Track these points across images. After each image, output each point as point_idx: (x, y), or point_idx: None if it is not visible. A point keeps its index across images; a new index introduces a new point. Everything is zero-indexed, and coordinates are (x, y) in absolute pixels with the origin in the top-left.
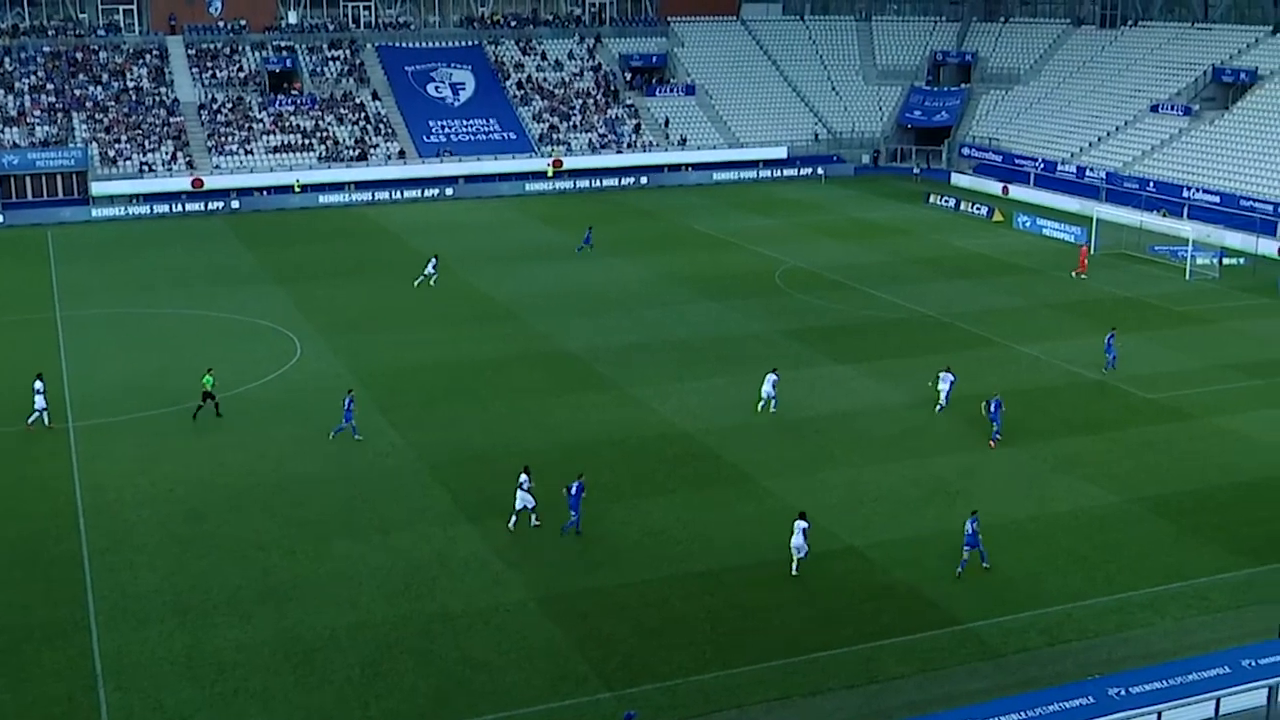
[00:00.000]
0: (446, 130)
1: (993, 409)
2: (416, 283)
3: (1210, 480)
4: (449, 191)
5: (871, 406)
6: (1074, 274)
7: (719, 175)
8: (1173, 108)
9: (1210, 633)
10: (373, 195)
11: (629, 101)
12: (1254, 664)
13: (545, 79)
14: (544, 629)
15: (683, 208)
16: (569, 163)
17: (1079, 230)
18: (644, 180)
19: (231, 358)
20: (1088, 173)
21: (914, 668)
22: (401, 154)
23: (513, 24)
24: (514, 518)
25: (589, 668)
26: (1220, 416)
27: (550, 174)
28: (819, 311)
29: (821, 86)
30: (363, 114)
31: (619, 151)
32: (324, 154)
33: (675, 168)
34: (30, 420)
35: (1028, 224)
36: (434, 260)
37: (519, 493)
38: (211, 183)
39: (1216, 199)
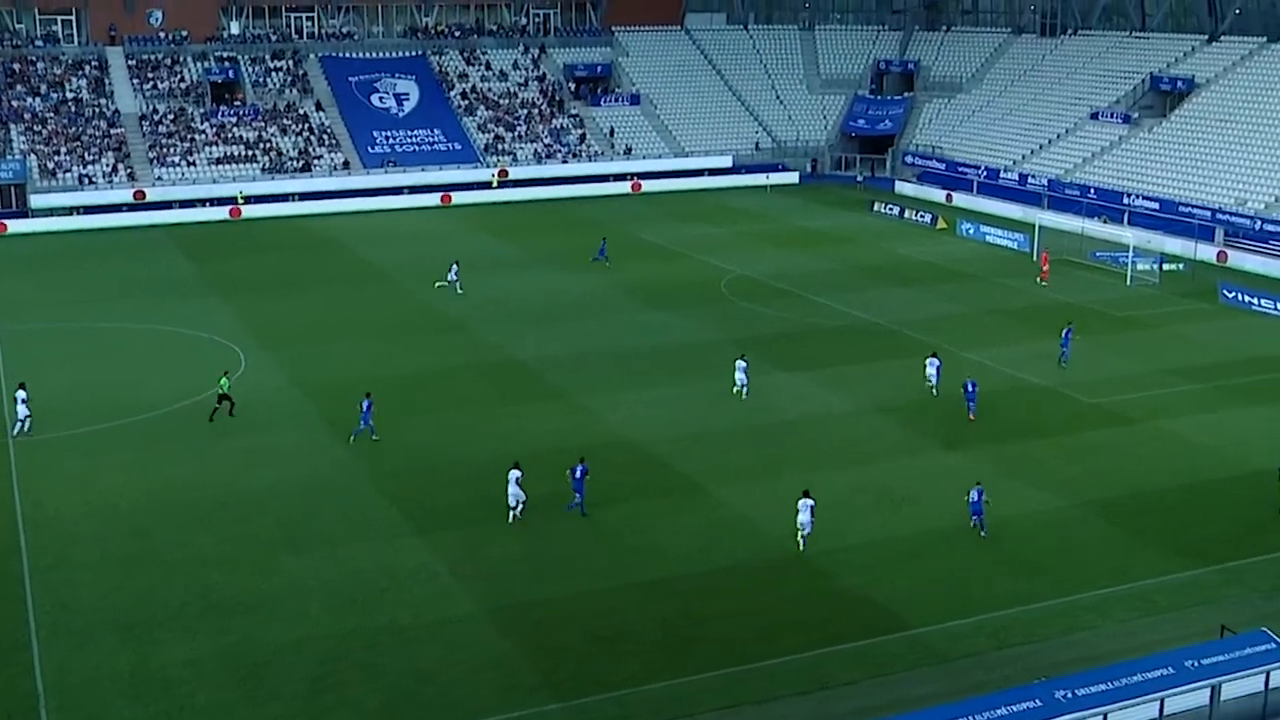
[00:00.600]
0: (391, 141)
1: (969, 389)
2: (437, 284)
3: (1154, 483)
4: (394, 202)
5: (818, 414)
6: (1039, 279)
7: (665, 184)
8: (1112, 115)
9: (1154, 634)
10: (317, 206)
11: (574, 111)
12: (1197, 664)
13: (490, 89)
14: (493, 640)
15: (629, 217)
16: (514, 173)
17: (1022, 237)
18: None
19: (175, 371)
20: (1030, 180)
21: (863, 674)
22: (346, 165)
23: (457, 34)
24: (510, 513)
25: (538, 678)
26: (1162, 420)
27: (495, 184)
28: (765, 320)
29: (766, 95)
30: (306, 125)
31: (564, 161)
32: (267, 165)
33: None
34: (26, 430)
35: (971, 231)
36: (455, 265)
37: (510, 488)
38: (153, 194)
39: (1156, 205)
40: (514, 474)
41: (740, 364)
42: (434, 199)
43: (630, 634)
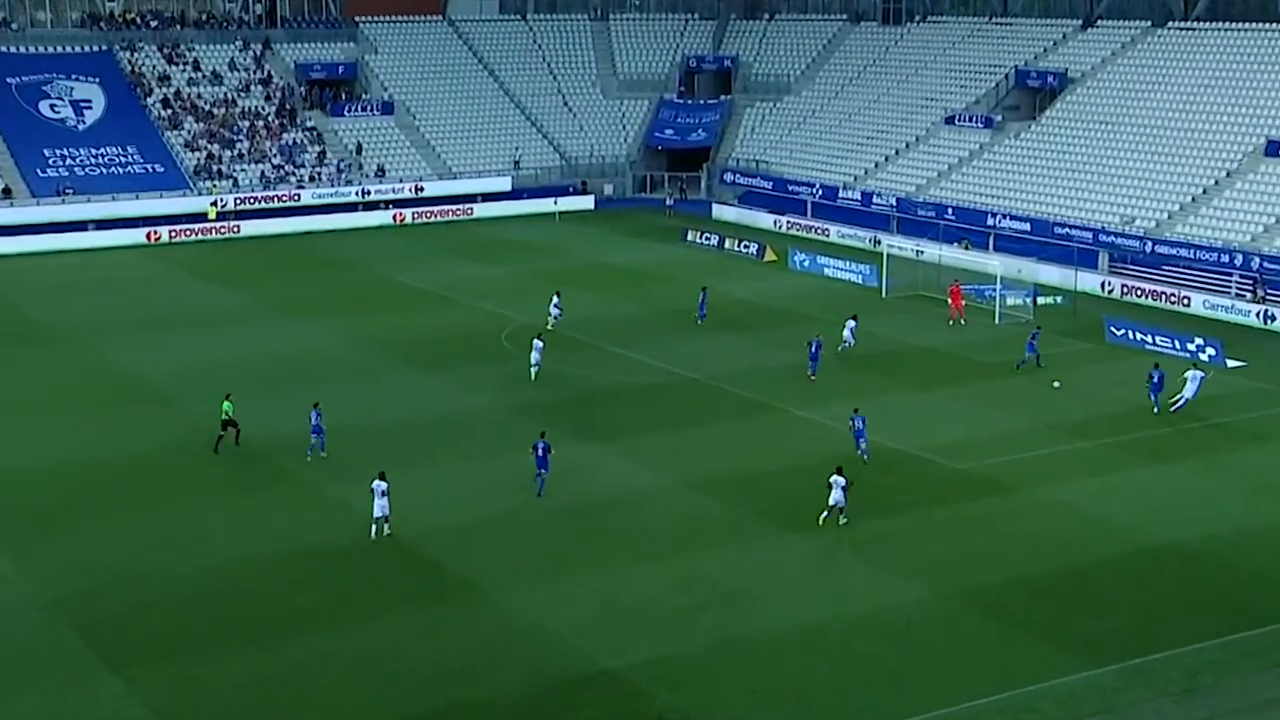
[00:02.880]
0: (69, 161)
1: (813, 349)
2: (550, 326)
3: (1038, 565)
4: (78, 240)
5: (627, 494)
6: (950, 321)
7: (428, 213)
8: (971, 119)
9: None
10: None
11: (310, 123)
12: None
13: (200, 95)
14: None
15: (381, 255)
16: (235, 201)
17: (868, 269)
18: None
19: None
20: (875, 199)
21: None
22: (7, 192)
23: (154, 24)
24: (374, 527)
25: None
26: (1044, 487)
27: (212, 216)
28: (557, 379)
29: (551, 101)
30: None
31: (300, 186)
32: None
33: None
34: None
35: (806, 263)
36: (556, 298)
37: (376, 500)
38: None
39: (1027, 227)
40: (379, 485)
41: (538, 344)
42: (134, 236)
43: None
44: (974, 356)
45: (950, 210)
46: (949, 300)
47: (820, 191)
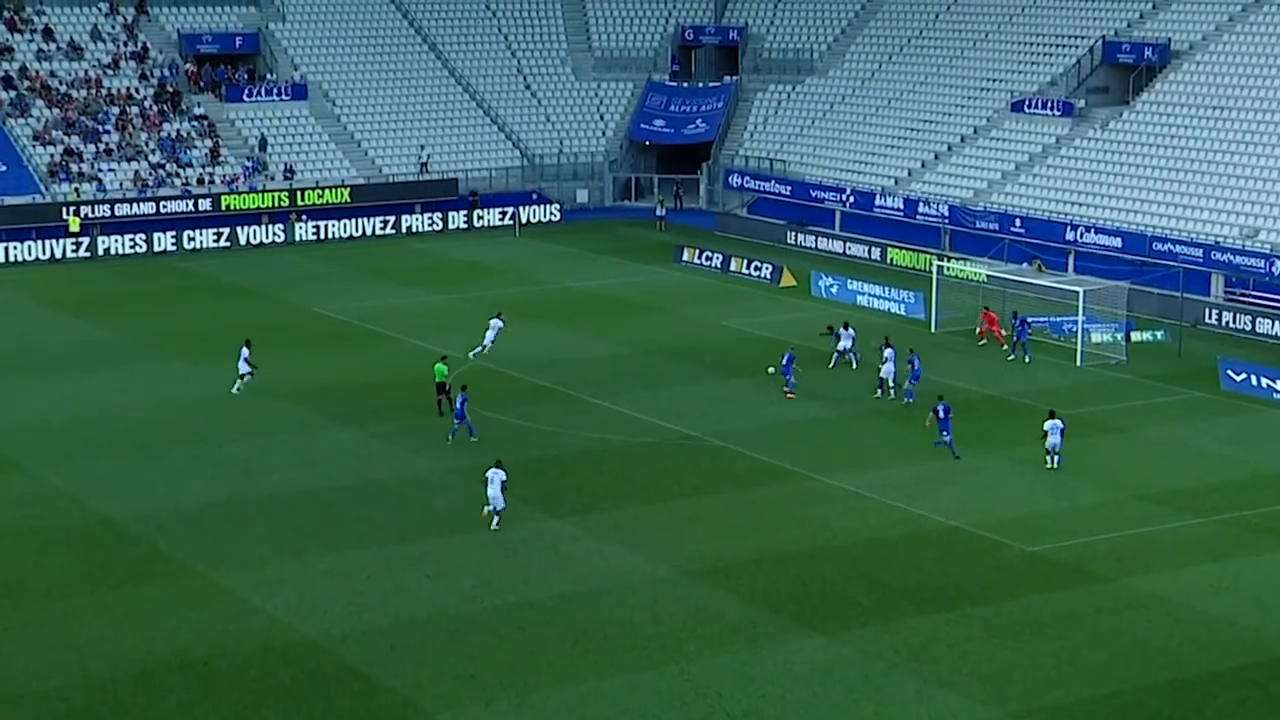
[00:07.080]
0: None
1: (785, 362)
2: (472, 354)
3: (1133, 678)
4: None
5: (606, 583)
6: (981, 341)
7: (351, 225)
8: (1046, 104)
9: None
10: None
11: (199, 111)
12: None
13: (54, 73)
14: None
15: (293, 278)
16: (100, 210)
17: (912, 296)
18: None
19: None
20: (922, 208)
21: None
22: None
23: None
24: (495, 515)
25: None
26: (1142, 576)
27: (74, 227)
28: (518, 437)
29: (509, 84)
30: None
31: (186, 190)
32: None
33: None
34: None
35: (834, 289)
36: (498, 322)
37: (490, 490)
38: None
39: (1117, 242)
40: (496, 474)
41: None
42: None
43: None
44: (1049, 408)
45: (1018, 221)
46: (984, 325)
47: (852, 199)
